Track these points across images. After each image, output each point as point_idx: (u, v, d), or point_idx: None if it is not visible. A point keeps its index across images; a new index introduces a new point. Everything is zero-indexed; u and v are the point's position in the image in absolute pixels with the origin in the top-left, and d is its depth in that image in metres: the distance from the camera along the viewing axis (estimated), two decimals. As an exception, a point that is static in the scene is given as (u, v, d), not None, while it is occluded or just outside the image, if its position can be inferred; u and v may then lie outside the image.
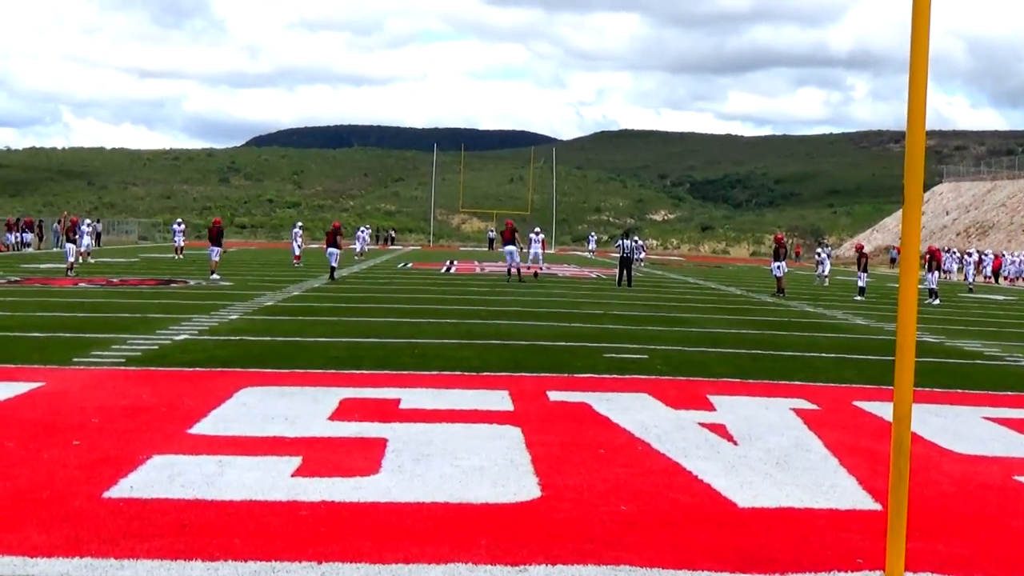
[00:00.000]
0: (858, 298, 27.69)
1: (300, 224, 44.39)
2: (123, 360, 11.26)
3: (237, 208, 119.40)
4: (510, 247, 30.45)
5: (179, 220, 48.96)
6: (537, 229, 37.95)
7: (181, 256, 41.71)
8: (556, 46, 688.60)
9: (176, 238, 44.64)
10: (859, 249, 30.96)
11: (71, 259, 28.57)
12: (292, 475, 6.35)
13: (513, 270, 30.64)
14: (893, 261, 63.26)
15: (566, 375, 11.08)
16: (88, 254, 36.69)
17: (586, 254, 66.03)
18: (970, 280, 40.56)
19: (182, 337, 13.57)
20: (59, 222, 51.45)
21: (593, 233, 78.29)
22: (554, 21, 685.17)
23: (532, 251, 36.02)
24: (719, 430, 8.20)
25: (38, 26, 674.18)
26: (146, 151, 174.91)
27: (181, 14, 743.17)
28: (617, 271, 30.89)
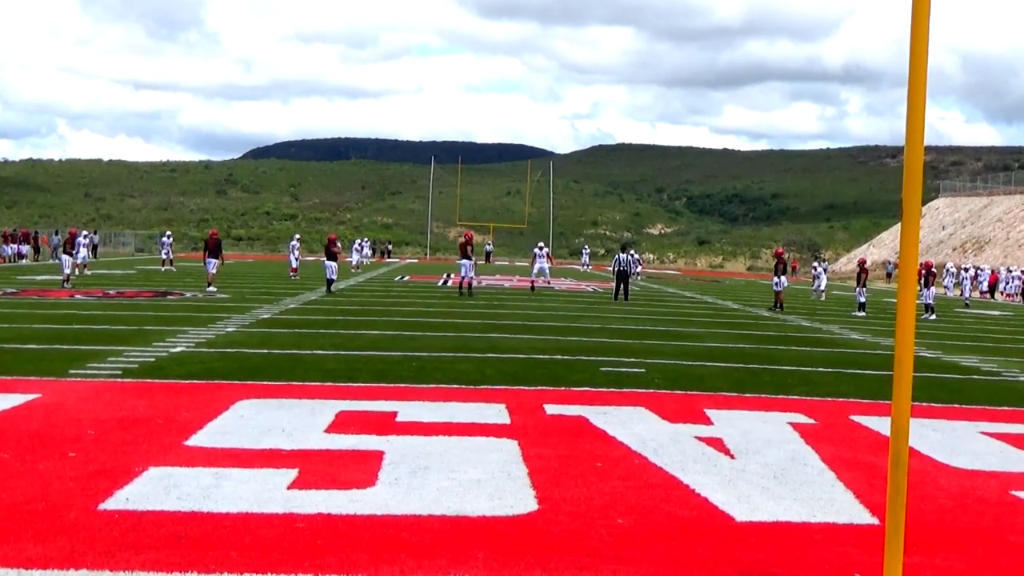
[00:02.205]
0: (859, 314, 27.67)
1: (298, 237, 44.34)
2: (119, 372, 11.24)
3: (234, 220, 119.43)
4: (465, 260, 29.66)
5: (168, 232, 48.22)
6: (541, 244, 38.46)
7: (173, 268, 41.46)
8: (551, 59, 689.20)
9: (163, 251, 43.97)
10: (861, 264, 30.98)
11: (67, 271, 28.55)
12: (288, 487, 6.34)
13: (464, 283, 29.78)
14: (889, 276, 63.36)
15: (563, 388, 11.07)
16: (85, 266, 36.64)
17: (580, 268, 65.93)
18: (966, 295, 40.63)
19: (179, 349, 13.56)
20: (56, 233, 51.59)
21: (587, 247, 78.32)
22: (548, 34, 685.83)
23: (538, 265, 36.54)
24: (716, 444, 8.19)
25: (32, 37, 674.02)
26: (143, 163, 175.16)
27: (175, 26, 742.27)
28: (614, 285, 30.92)
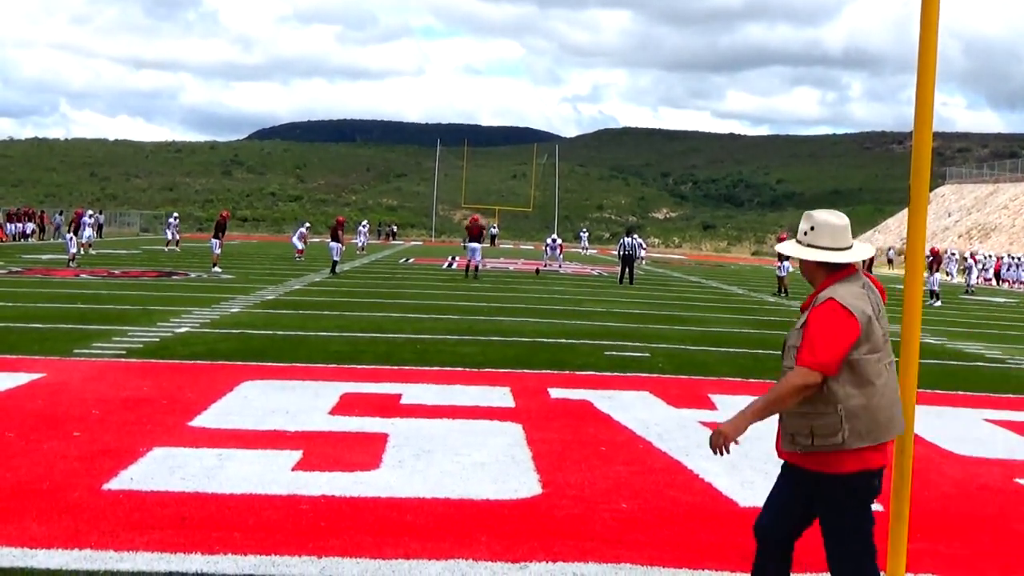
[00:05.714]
0: None
1: (307, 224, 43.84)
2: (124, 352, 11.25)
3: (239, 201, 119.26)
4: (474, 244, 29.49)
5: (175, 214, 47.79)
6: (555, 236, 43.55)
7: (178, 249, 41.34)
8: (551, 41, 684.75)
9: (168, 231, 43.52)
10: None
11: (73, 250, 28.56)
12: (292, 469, 6.35)
13: (472, 266, 29.54)
14: (891, 262, 63.26)
15: (568, 372, 11.07)
16: (90, 245, 36.62)
17: (579, 251, 65.65)
18: (971, 282, 40.54)
19: (183, 330, 13.56)
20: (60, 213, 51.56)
21: (585, 230, 78.19)
22: (547, 16, 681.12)
23: (549, 252, 41.11)
24: (720, 429, 8.17)
25: (29, 14, 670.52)
26: (148, 143, 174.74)
27: (173, 5, 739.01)
28: (619, 269, 30.90)
